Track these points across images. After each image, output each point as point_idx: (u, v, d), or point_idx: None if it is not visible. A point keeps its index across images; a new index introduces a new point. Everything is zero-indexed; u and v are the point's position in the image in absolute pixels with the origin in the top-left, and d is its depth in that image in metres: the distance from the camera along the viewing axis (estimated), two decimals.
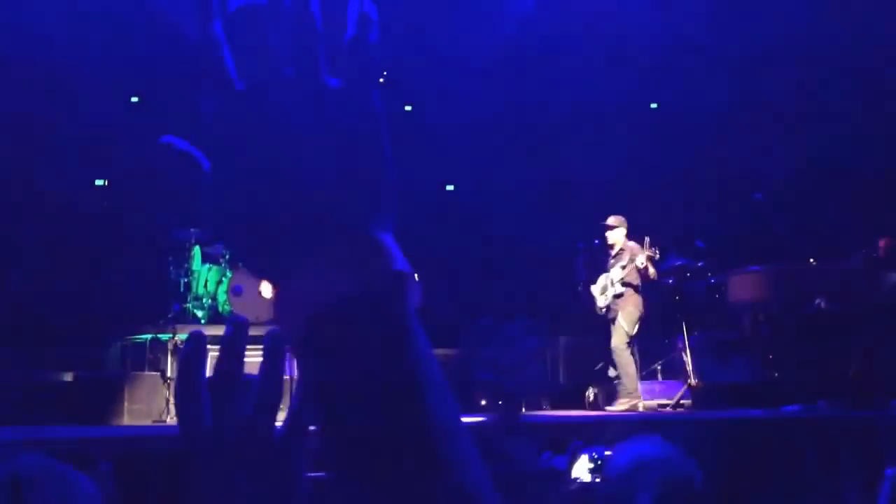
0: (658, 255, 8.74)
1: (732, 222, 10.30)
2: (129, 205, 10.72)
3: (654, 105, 12.17)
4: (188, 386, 0.79)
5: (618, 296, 8.84)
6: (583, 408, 9.05)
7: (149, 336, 8.85)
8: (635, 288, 8.80)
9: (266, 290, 8.07)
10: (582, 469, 2.14)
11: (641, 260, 8.63)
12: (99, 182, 11.10)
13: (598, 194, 10.53)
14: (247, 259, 0.70)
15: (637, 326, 8.75)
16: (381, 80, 10.89)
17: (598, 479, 2.16)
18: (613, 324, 8.85)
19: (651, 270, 8.70)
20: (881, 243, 8.83)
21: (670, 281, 9.55)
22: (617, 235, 9.02)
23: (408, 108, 11.99)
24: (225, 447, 0.78)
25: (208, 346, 0.81)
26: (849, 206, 10.34)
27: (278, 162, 0.67)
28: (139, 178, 10.83)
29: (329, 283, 0.65)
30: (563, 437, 6.24)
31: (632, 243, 8.91)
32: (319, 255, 0.65)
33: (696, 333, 9.26)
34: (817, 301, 8.41)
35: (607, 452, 2.14)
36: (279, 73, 0.68)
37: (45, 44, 9.89)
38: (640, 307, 8.79)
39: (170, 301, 9.27)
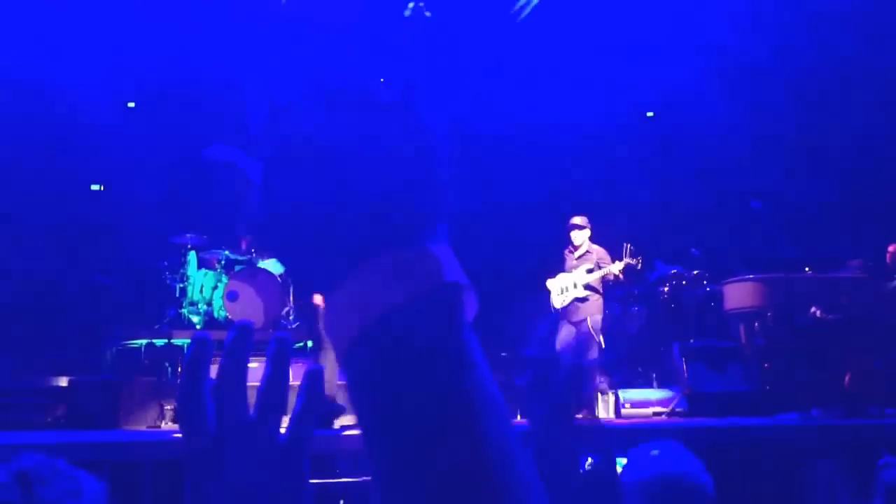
0: (640, 266, 8.59)
1: (728, 231, 10.32)
2: (124, 210, 10.71)
3: (649, 114, 12.19)
4: (192, 390, 0.78)
5: (580, 299, 8.57)
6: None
7: (144, 341, 8.85)
8: (599, 293, 8.58)
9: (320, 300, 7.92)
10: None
11: (619, 268, 8.43)
12: (95, 187, 11.09)
13: (594, 202, 10.53)
14: (296, 270, 0.70)
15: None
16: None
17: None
18: (565, 324, 8.59)
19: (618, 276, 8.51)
20: (891, 248, 8.84)
21: (665, 289, 9.55)
22: (583, 236, 8.72)
23: None
24: (228, 452, 0.77)
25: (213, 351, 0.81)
26: (845, 215, 10.37)
27: (329, 173, 0.66)
28: (135, 183, 10.83)
29: (378, 294, 0.63)
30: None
31: (597, 247, 8.70)
32: (370, 265, 0.64)
33: (691, 341, 9.27)
34: (812, 310, 8.42)
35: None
36: (329, 86, 0.67)
37: (43, 48, 9.90)
38: (602, 311, 8.61)
39: (165, 306, 9.27)
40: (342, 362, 0.67)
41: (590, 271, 8.60)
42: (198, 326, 9.09)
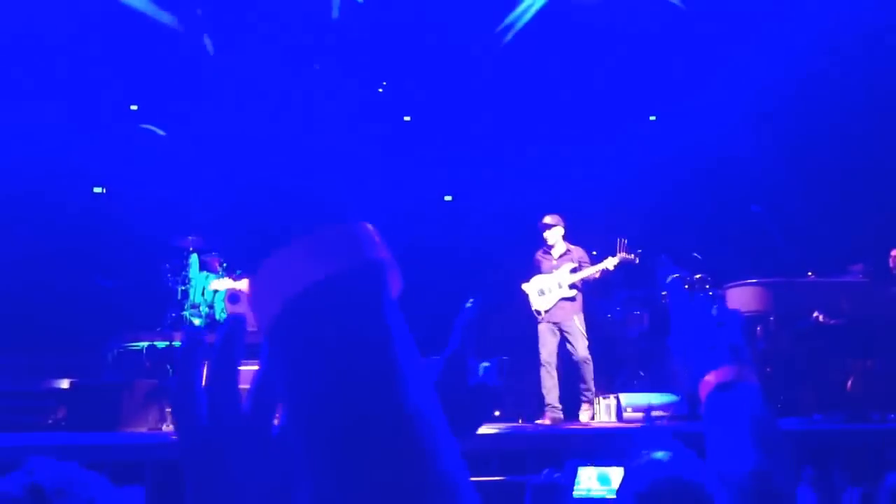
0: (638, 260, 8.50)
1: (730, 234, 10.31)
2: (126, 212, 10.71)
3: (652, 118, 12.19)
4: (185, 385, 0.78)
5: (567, 299, 8.46)
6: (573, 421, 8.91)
7: (146, 343, 8.84)
8: (581, 292, 8.50)
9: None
10: (588, 482, 2.14)
11: (613, 263, 8.30)
12: (97, 189, 11.09)
13: (594, 205, 10.54)
14: (229, 253, 0.71)
15: None
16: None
17: (607, 495, 2.15)
18: (549, 328, 8.50)
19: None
20: (894, 252, 8.83)
21: (665, 292, 9.52)
22: (557, 234, 8.63)
23: (406, 118, 12.01)
24: (222, 446, 0.78)
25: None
26: (847, 219, 10.35)
27: (243, 158, 0.68)
28: (137, 185, 10.82)
29: (299, 272, 0.64)
30: (556, 449, 6.24)
31: (574, 245, 8.64)
32: (290, 245, 0.65)
33: None
34: (815, 314, 8.40)
35: (614, 468, 2.14)
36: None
37: (45, 49, 9.91)
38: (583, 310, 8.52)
39: (167, 308, 9.26)
40: (266, 341, 0.67)
41: (574, 270, 8.51)
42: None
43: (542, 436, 7.29)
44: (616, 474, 2.08)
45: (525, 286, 8.70)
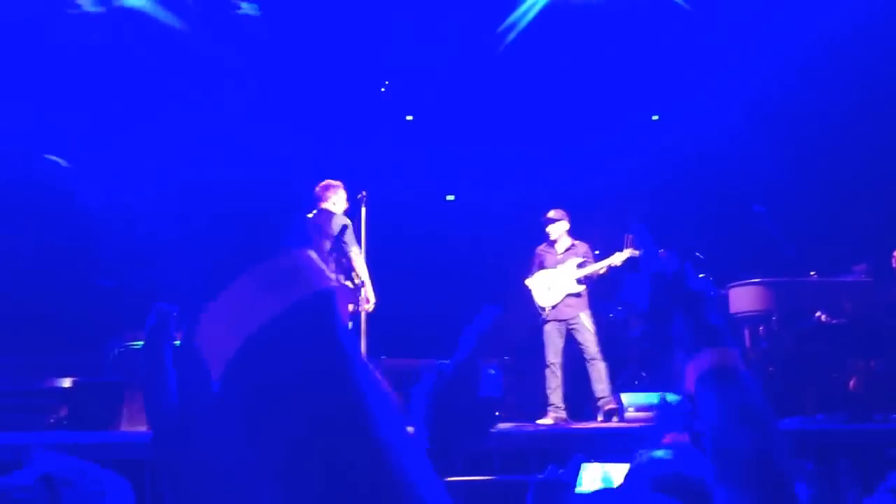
0: None
1: (732, 234, 10.29)
2: (127, 210, 10.71)
3: (655, 117, 12.17)
4: (153, 361, 0.77)
5: (574, 295, 8.36)
6: (582, 420, 8.91)
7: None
8: (588, 288, 8.41)
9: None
10: (592, 481, 2.13)
11: (621, 259, 8.15)
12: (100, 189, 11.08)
13: (596, 203, 10.52)
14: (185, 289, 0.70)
15: None
16: None
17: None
18: (555, 327, 8.42)
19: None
20: None
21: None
22: (560, 229, 8.55)
23: (409, 118, 12.01)
24: (193, 425, 0.75)
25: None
26: (851, 218, 10.33)
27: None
28: (138, 183, 10.82)
29: (254, 307, 0.64)
30: (557, 449, 6.23)
31: (578, 241, 8.55)
32: (240, 279, 0.65)
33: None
34: (817, 314, 8.39)
35: (618, 465, 2.13)
36: None
37: (48, 40, 9.92)
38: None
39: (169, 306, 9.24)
40: (223, 380, 0.66)
41: (581, 265, 8.43)
42: None
43: (544, 435, 7.28)
44: (619, 472, 2.08)
45: (529, 282, 8.59)
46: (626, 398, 8.69)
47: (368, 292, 7.62)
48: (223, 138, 10.66)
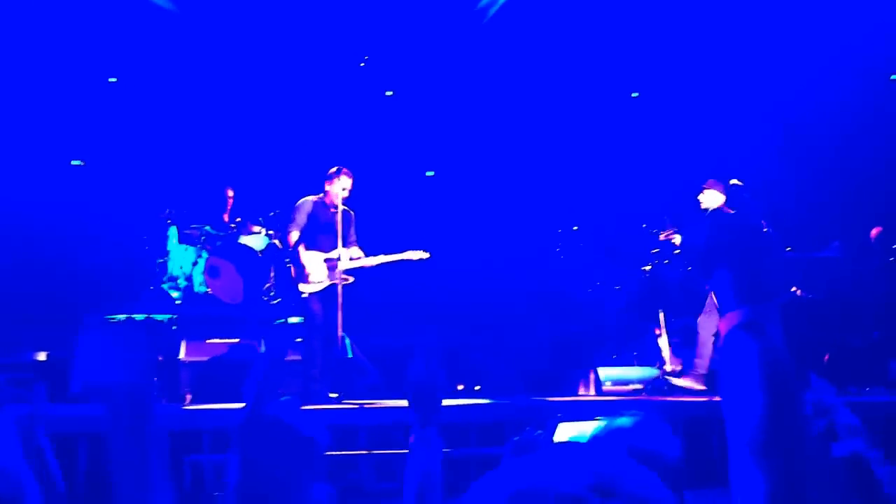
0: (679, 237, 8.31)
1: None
2: (105, 184, 10.65)
3: (634, 94, 12.16)
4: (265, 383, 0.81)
5: None
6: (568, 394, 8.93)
7: (123, 316, 8.80)
8: None
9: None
10: (564, 437, 2.15)
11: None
12: (75, 162, 11.00)
13: (577, 175, 10.53)
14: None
15: None
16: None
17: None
18: None
19: None
20: (874, 231, 8.91)
21: (647, 267, 9.55)
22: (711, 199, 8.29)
23: (388, 93, 11.95)
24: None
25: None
26: (826, 195, 10.40)
27: None
28: (116, 158, 10.76)
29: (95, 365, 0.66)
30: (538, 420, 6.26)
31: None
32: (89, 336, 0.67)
33: (672, 320, 9.29)
34: (793, 289, 8.46)
35: (590, 423, 2.15)
36: None
37: (22, 20, 9.80)
38: None
39: (145, 281, 9.22)
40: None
41: None
42: (177, 302, 9.05)
43: (523, 408, 7.31)
44: (591, 429, 2.10)
45: None
46: (602, 372, 8.76)
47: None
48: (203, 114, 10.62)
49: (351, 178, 7.86)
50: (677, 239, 8.31)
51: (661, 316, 9.05)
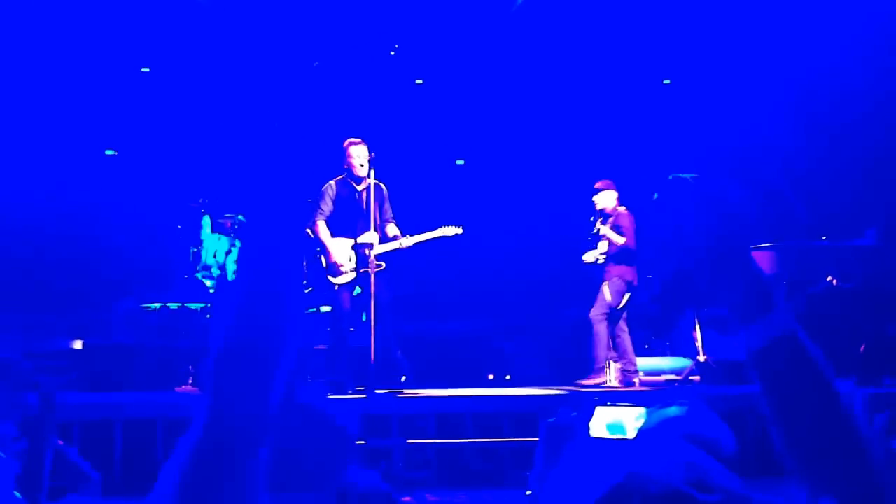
0: None
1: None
2: (139, 174, 10.74)
3: (666, 81, 12.05)
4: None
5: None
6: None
7: (157, 304, 8.87)
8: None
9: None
10: (602, 424, 2.10)
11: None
12: (109, 152, 11.10)
13: (607, 163, 10.44)
14: None
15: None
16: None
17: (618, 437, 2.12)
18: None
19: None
20: None
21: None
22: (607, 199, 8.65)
23: (418, 81, 11.93)
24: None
25: None
26: (862, 182, 10.25)
27: None
28: (149, 147, 10.84)
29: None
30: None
31: (622, 208, 8.64)
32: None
33: (705, 310, 9.22)
34: (829, 278, 8.36)
35: (630, 408, 2.11)
36: None
37: (54, 9, 9.86)
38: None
39: (179, 270, 9.28)
40: None
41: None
42: (210, 291, 9.10)
43: (550, 397, 7.29)
44: (630, 416, 2.06)
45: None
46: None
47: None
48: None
49: (362, 143, 7.79)
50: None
51: (694, 306, 8.98)
